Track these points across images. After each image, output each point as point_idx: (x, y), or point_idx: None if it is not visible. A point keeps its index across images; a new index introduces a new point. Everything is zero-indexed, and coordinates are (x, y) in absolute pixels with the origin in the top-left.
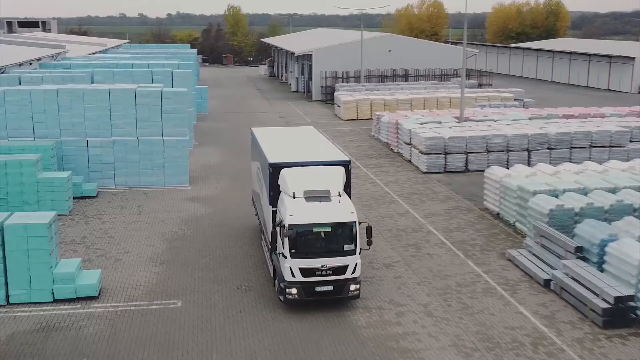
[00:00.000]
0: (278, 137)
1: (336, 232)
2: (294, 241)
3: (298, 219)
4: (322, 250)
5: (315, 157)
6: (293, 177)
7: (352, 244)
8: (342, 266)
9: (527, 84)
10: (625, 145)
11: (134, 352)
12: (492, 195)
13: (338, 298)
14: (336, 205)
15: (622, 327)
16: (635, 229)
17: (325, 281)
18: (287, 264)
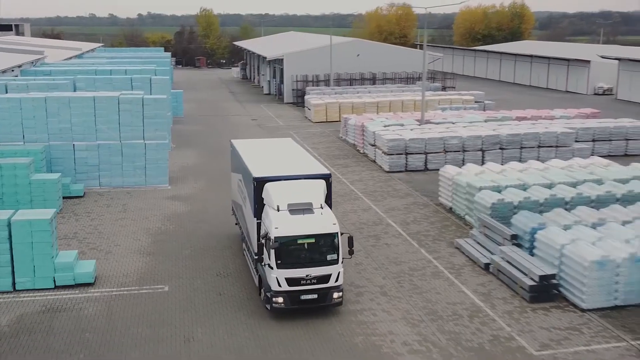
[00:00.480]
0: (259, 150)
1: (319, 243)
2: (279, 252)
3: (283, 231)
4: (306, 260)
5: (298, 170)
6: (277, 191)
7: (334, 254)
8: (326, 275)
9: (491, 86)
10: (571, 145)
11: (129, 328)
12: (446, 191)
13: (322, 305)
14: (319, 217)
15: (546, 301)
16: (562, 219)
17: (310, 290)
18: (274, 274)
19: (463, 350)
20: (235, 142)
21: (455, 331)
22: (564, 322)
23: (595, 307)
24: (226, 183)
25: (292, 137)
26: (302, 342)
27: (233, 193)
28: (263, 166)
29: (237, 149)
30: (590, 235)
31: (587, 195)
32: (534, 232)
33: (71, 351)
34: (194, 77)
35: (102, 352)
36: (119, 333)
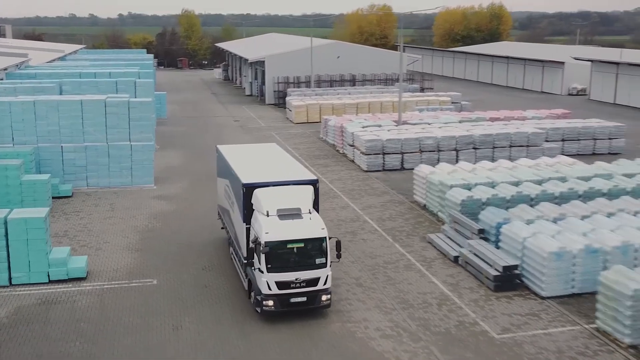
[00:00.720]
0: (245, 156)
1: (308, 247)
2: (269, 257)
3: (273, 236)
4: (296, 264)
5: (286, 176)
6: (266, 197)
7: (323, 258)
8: (315, 278)
9: (469, 87)
10: (541, 145)
11: (120, 318)
12: (420, 189)
13: (311, 308)
14: (307, 222)
15: (509, 290)
16: (525, 214)
17: (300, 293)
18: (264, 278)
19: (431, 334)
20: (222, 147)
21: (424, 318)
22: (524, 309)
23: (553, 295)
24: (210, 183)
25: (273, 137)
26: (283, 329)
27: (219, 198)
28: (251, 172)
29: (223, 154)
30: (550, 229)
31: (551, 192)
32: (499, 226)
33: (67, 339)
34: (176, 78)
35: (96, 339)
36: (111, 322)
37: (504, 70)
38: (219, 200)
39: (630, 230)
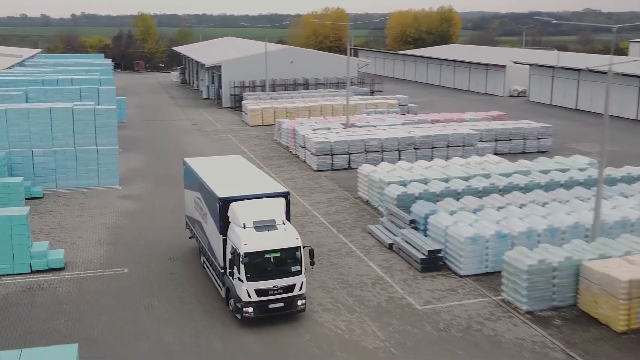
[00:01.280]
0: (215, 169)
1: (284, 256)
2: (249, 266)
3: (251, 247)
4: (273, 272)
5: (259, 190)
6: (242, 210)
7: (298, 266)
8: (291, 285)
9: (418, 88)
10: (475, 145)
11: (97, 300)
12: (363, 186)
13: (288, 312)
14: (282, 232)
15: (433, 271)
16: (450, 206)
17: (277, 299)
18: (244, 286)
19: (365, 308)
20: (189, 160)
21: (360, 295)
22: (445, 286)
23: (470, 274)
24: (172, 184)
25: (230, 140)
26: None
27: (188, 209)
28: (226, 186)
29: (193, 168)
30: (469, 218)
31: (475, 187)
32: (427, 217)
33: (53, 318)
34: (133, 81)
35: (78, 318)
36: (90, 304)
37: (451, 72)
38: (188, 211)
39: (536, 218)
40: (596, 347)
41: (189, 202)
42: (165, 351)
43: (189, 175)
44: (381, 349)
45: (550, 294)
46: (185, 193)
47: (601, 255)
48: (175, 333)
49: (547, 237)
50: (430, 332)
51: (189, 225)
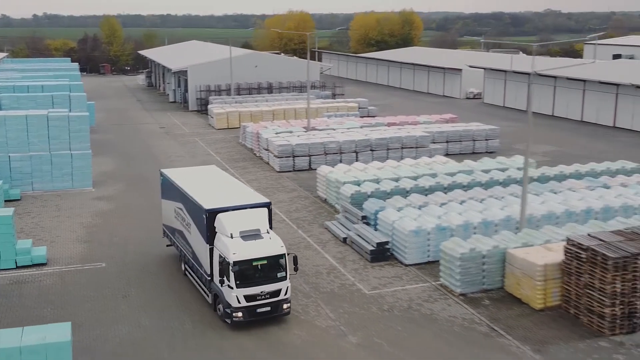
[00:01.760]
0: (196, 180)
1: (270, 263)
2: (238, 274)
3: (240, 255)
4: (260, 279)
5: (243, 200)
6: (229, 221)
7: (283, 272)
8: (277, 290)
9: (380, 91)
10: (428, 146)
11: (79, 291)
12: (322, 186)
13: (274, 316)
14: (268, 241)
15: (382, 261)
16: (398, 203)
17: (264, 304)
18: (234, 293)
19: (319, 293)
20: (167, 171)
21: (316, 282)
22: (391, 273)
23: (414, 263)
24: (142, 185)
25: (197, 143)
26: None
27: (167, 219)
28: (210, 198)
29: (173, 180)
30: (414, 213)
31: (422, 186)
32: (377, 213)
33: (40, 307)
34: (100, 84)
35: (63, 306)
36: (72, 294)
37: (411, 75)
38: (166, 220)
39: (473, 213)
40: (517, 322)
41: (168, 212)
42: (143, 332)
43: (168, 186)
44: (332, 327)
45: (481, 278)
46: (163, 203)
47: (524, 243)
48: (150, 317)
49: (482, 229)
50: (376, 313)
51: (167, 234)
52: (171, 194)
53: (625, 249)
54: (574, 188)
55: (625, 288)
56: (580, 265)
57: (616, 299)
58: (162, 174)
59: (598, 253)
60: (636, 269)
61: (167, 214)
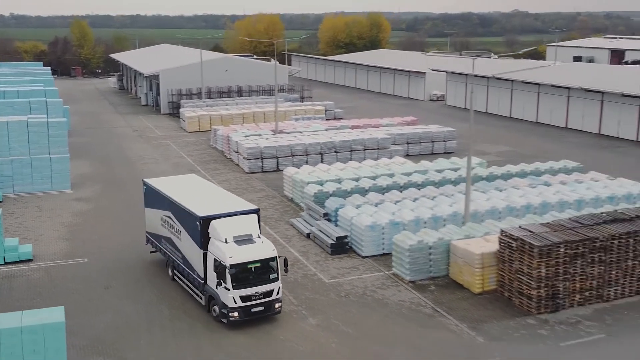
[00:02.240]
0: (183, 190)
1: (264, 266)
2: (234, 276)
3: (236, 259)
4: (254, 280)
5: (234, 208)
6: (222, 227)
7: (275, 274)
8: (270, 290)
9: (347, 93)
10: (389, 148)
11: (65, 283)
12: (288, 186)
13: (267, 315)
14: (260, 245)
15: (341, 254)
16: (357, 201)
17: (258, 303)
18: (230, 294)
19: (284, 283)
20: (151, 181)
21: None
22: (349, 264)
23: (369, 255)
24: (118, 187)
25: (169, 145)
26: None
27: (151, 226)
28: (202, 206)
29: (159, 189)
30: (371, 210)
31: (380, 185)
32: (337, 210)
33: (30, 298)
34: (72, 87)
35: (51, 297)
36: (59, 287)
37: (377, 78)
38: (151, 228)
39: (424, 209)
40: (457, 304)
41: (153, 220)
42: (125, 319)
43: (153, 195)
44: (295, 312)
45: (428, 267)
46: (147, 211)
47: (466, 236)
48: (131, 305)
49: (431, 224)
50: (334, 298)
51: (152, 241)
52: (157, 202)
53: (550, 238)
54: (518, 186)
55: (549, 272)
56: (512, 254)
57: (541, 282)
58: (145, 183)
59: (526, 242)
60: (558, 256)
61: (152, 222)
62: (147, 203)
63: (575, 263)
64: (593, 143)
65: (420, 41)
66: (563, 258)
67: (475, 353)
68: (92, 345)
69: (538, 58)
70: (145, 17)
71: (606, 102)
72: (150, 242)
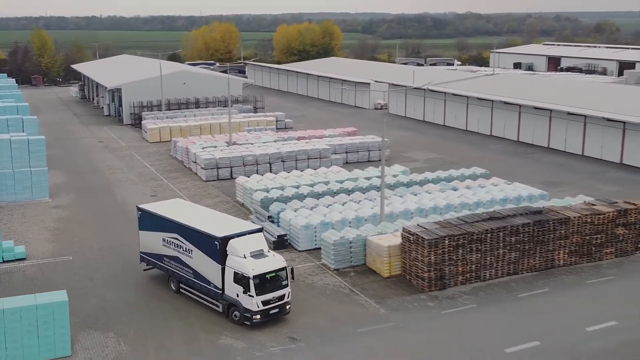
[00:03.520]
0: (183, 213)
1: (278, 275)
2: (257, 285)
3: (257, 270)
4: (271, 287)
5: (243, 228)
6: (240, 244)
7: (286, 280)
8: (282, 295)
9: (299, 101)
10: (330, 157)
11: (56, 277)
12: (240, 193)
13: (281, 315)
14: (272, 258)
15: (282, 249)
16: (295, 205)
17: (275, 306)
18: (254, 300)
19: None
20: (147, 206)
21: None
22: (288, 257)
23: (305, 249)
24: (91, 194)
25: (134, 156)
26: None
27: (149, 247)
28: (217, 228)
29: (160, 213)
30: (306, 213)
31: (317, 191)
32: (279, 213)
33: (29, 289)
34: (34, 96)
35: (45, 288)
36: (51, 280)
37: (326, 87)
38: (148, 249)
39: (350, 211)
40: (370, 286)
41: (152, 242)
42: (108, 302)
43: (150, 220)
44: None
45: (349, 257)
46: (143, 234)
47: (380, 232)
48: (112, 292)
49: (355, 224)
50: None
51: (149, 259)
52: (157, 226)
53: (438, 233)
54: (430, 190)
55: (437, 259)
56: (410, 246)
57: (431, 267)
58: (140, 209)
59: (419, 236)
60: (444, 246)
61: (151, 243)
62: (142, 227)
63: (458, 252)
64: (511, 150)
65: (374, 44)
66: (448, 248)
67: (378, 320)
68: (84, 321)
69: (482, 63)
70: (101, 19)
71: (523, 112)
72: (146, 260)
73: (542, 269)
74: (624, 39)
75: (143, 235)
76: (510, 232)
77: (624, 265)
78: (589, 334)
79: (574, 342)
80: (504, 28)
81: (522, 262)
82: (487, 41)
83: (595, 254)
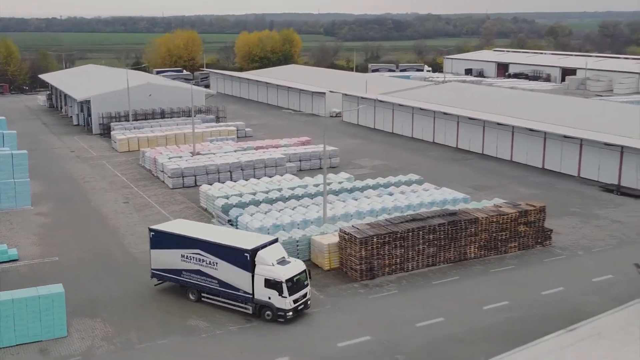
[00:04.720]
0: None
1: (301, 276)
2: (289, 287)
3: (287, 275)
4: (298, 287)
5: (264, 240)
6: (267, 254)
7: (307, 281)
8: (306, 293)
9: (259, 109)
10: (284, 165)
11: (47, 274)
12: (203, 199)
13: (305, 311)
14: (294, 263)
15: None
16: (252, 210)
17: (301, 303)
18: (287, 300)
19: None
20: (160, 227)
21: None
22: None
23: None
24: (69, 202)
25: (105, 165)
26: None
27: (165, 264)
28: (243, 242)
29: (179, 233)
30: (261, 217)
31: (271, 197)
32: (237, 217)
33: (25, 285)
34: (2, 105)
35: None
36: (43, 277)
37: (285, 95)
38: (164, 265)
39: (298, 215)
40: (313, 277)
41: (168, 258)
42: (95, 293)
43: (166, 239)
44: None
45: (296, 254)
46: (157, 252)
47: (322, 232)
48: (98, 286)
49: (302, 225)
50: None
51: (161, 275)
52: (175, 244)
53: (367, 232)
54: (369, 195)
55: (367, 254)
56: (345, 243)
57: (362, 260)
58: (153, 229)
59: (352, 235)
60: (373, 243)
61: (167, 259)
62: (155, 245)
63: (384, 248)
64: (449, 156)
65: (335, 46)
66: (376, 245)
67: (318, 304)
68: (75, 310)
69: (437, 69)
70: (61, 20)
71: (461, 122)
72: (158, 276)
73: (456, 261)
74: (575, 42)
75: (156, 253)
76: (429, 230)
77: (524, 257)
78: (485, 311)
79: (472, 318)
80: (463, 30)
81: (439, 255)
82: (446, 43)
83: (501, 248)
